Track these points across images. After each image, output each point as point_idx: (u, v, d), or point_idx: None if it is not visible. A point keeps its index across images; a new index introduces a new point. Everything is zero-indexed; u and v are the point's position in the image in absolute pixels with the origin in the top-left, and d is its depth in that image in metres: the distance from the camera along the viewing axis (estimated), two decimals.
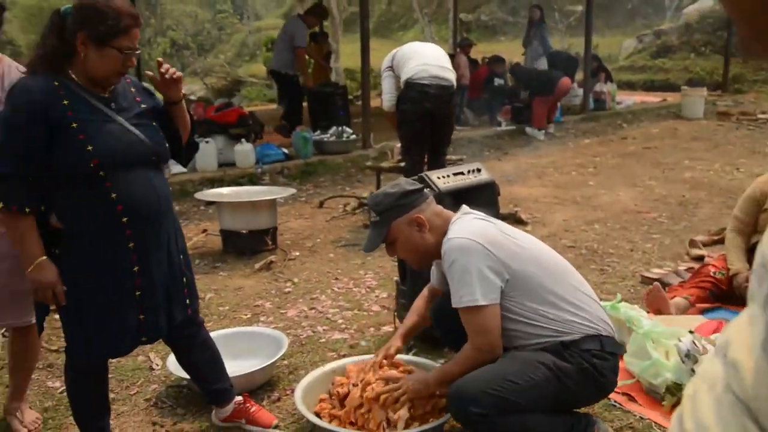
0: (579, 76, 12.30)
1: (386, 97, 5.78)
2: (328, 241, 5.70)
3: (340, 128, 8.75)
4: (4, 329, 3.83)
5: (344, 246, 5.52)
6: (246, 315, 4.15)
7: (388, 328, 3.80)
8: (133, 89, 2.50)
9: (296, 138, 8.33)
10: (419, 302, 2.92)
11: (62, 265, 2.33)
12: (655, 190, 7.13)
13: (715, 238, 5.15)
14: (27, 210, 2.24)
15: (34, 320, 2.81)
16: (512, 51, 15.41)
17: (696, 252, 4.95)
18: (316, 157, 8.46)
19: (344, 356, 3.45)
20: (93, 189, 2.28)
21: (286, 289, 4.57)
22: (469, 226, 2.50)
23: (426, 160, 5.93)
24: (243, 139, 7.87)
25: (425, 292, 2.91)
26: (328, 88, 9.37)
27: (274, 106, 17.15)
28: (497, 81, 11.65)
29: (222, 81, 24.96)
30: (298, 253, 5.35)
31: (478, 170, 3.58)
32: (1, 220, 2.34)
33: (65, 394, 3.22)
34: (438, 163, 5.88)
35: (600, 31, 13.44)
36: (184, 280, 2.61)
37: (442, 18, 26.27)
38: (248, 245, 5.23)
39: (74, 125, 2.25)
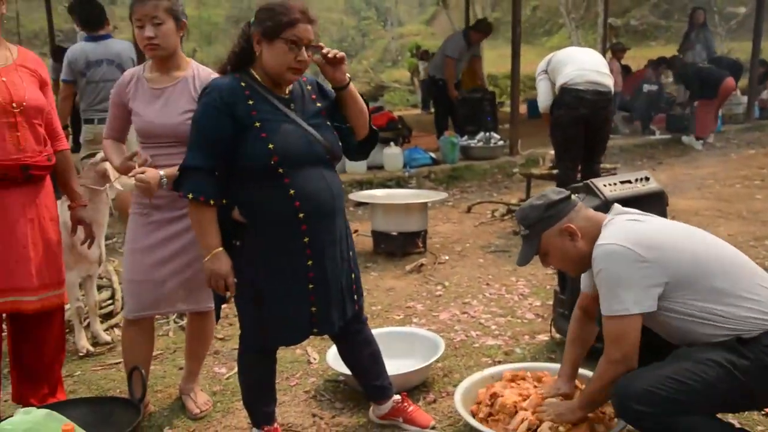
0: (742, 82, 11.56)
1: (541, 99, 5.71)
2: (477, 246, 5.67)
3: (487, 134, 8.69)
4: (175, 315, 4.10)
5: (494, 252, 5.47)
6: (398, 316, 4.20)
7: (543, 337, 3.72)
8: (309, 87, 2.58)
9: (444, 143, 8.36)
10: (575, 328, 2.75)
11: (242, 256, 2.45)
12: None
13: None
14: (211, 202, 2.38)
15: (212, 306, 2.99)
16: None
17: None
18: (462, 162, 8.46)
19: (499, 362, 3.41)
20: (273, 185, 2.39)
21: (437, 292, 4.58)
22: (621, 229, 2.36)
23: (579, 168, 5.79)
24: (392, 143, 7.99)
25: (577, 313, 2.75)
26: (477, 93, 9.32)
27: (417, 111, 17.38)
28: (647, 87, 11.10)
29: (366, 86, 25.49)
30: (447, 257, 5.35)
31: (647, 179, 3.43)
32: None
33: (231, 379, 3.41)
34: (592, 171, 5.71)
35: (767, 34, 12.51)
36: (353, 276, 2.67)
37: (589, 23, 25.52)
38: (399, 247, 5.30)
39: (257, 124, 2.37)
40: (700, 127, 9.89)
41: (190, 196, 2.37)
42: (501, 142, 8.73)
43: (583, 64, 5.50)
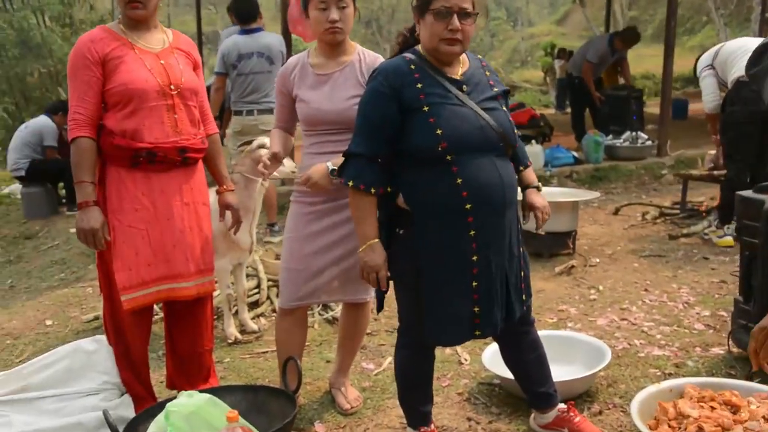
0: None
1: (708, 98, 5.24)
2: (629, 250, 5.31)
3: (634, 133, 8.22)
4: (320, 306, 4.05)
5: (648, 256, 5.10)
6: (551, 319, 3.96)
7: (717, 350, 3.37)
8: (487, 73, 2.42)
9: (587, 142, 7.97)
10: None
11: (404, 245, 2.32)
12: None
13: None
14: (372, 190, 2.27)
15: (368, 298, 2.89)
16: None
17: None
18: (606, 162, 8.03)
19: (669, 375, 3.12)
20: (439, 172, 2.24)
21: (591, 296, 4.30)
22: None
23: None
24: (533, 141, 7.70)
25: None
26: (623, 91, 8.83)
27: (551, 111, 16.85)
28: None
29: None
30: (598, 260, 5.04)
31: None
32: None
33: (380, 376, 3.30)
34: (765, 174, 5.21)
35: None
36: (522, 274, 2.48)
37: (741, 19, 23.93)
38: (547, 247, 5.04)
39: (426, 108, 2.23)
40: None
41: (351, 183, 2.28)
42: (649, 143, 8.23)
43: None
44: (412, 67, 2.28)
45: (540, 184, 2.64)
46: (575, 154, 7.98)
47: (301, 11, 2.78)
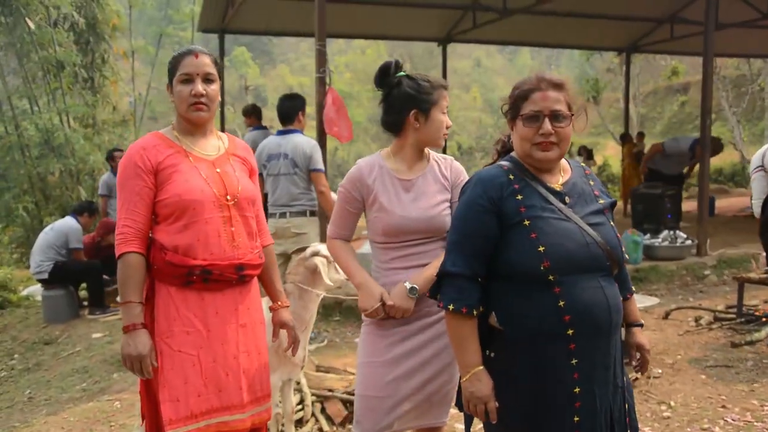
0: None
1: (755, 203, 5.08)
2: (690, 359, 4.97)
3: (672, 232, 7.99)
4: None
5: (715, 367, 4.76)
6: None
7: None
8: (591, 182, 2.21)
9: (626, 241, 7.72)
10: None
11: (494, 369, 2.06)
12: None
13: None
14: (474, 312, 2.03)
15: (446, 421, 2.61)
16: None
17: None
18: (645, 262, 7.77)
19: None
20: (540, 293, 2.00)
21: (664, 414, 3.95)
22: None
23: None
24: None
25: None
26: (657, 189, 8.66)
27: None
28: None
29: None
30: (660, 371, 4.70)
31: None
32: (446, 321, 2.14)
33: None
34: None
35: None
36: (626, 406, 2.19)
37: (753, 116, 24.17)
38: None
39: (527, 222, 2.01)
40: None
41: (451, 307, 2.04)
42: (689, 242, 7.99)
43: None
44: (511, 177, 2.08)
45: (643, 321, 2.38)
46: None
47: (337, 109, 2.61)
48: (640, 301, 5.22)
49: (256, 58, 44.95)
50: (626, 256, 2.22)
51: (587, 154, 15.26)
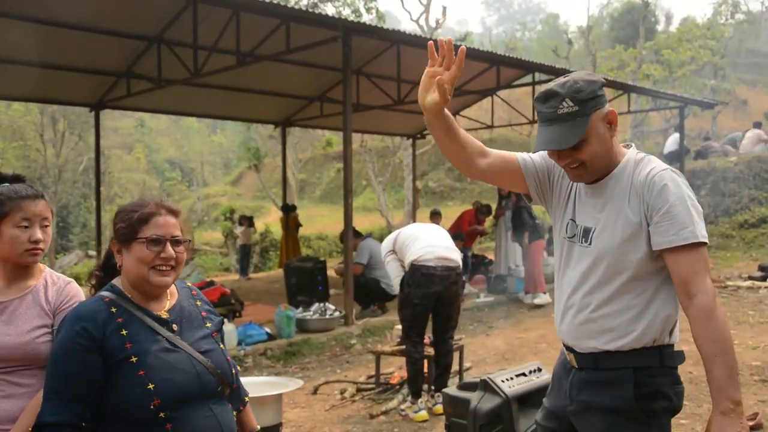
0: None
1: (395, 282, 5.65)
2: None
3: (322, 305, 8.43)
4: None
5: None
6: None
7: None
8: (198, 303, 2.20)
9: (279, 316, 7.95)
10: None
11: None
12: None
13: None
14: None
15: None
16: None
17: None
18: (299, 335, 8.05)
19: None
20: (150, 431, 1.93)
21: None
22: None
23: (429, 342, 5.76)
24: (225, 320, 7.44)
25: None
26: (308, 262, 9.12)
27: (234, 276, 16.80)
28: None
29: None
30: None
31: (539, 369, 3.30)
32: None
33: None
34: (445, 346, 5.66)
35: None
36: None
37: (396, 184, 26.94)
38: None
39: (134, 359, 1.93)
40: (537, 280, 10.31)
41: None
42: (337, 313, 8.49)
43: (432, 240, 5.56)
44: (113, 310, 1.98)
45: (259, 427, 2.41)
46: (268, 330, 7.88)
47: None
48: (287, 386, 5.33)
49: None
50: (237, 369, 2.22)
51: (248, 222, 15.59)
